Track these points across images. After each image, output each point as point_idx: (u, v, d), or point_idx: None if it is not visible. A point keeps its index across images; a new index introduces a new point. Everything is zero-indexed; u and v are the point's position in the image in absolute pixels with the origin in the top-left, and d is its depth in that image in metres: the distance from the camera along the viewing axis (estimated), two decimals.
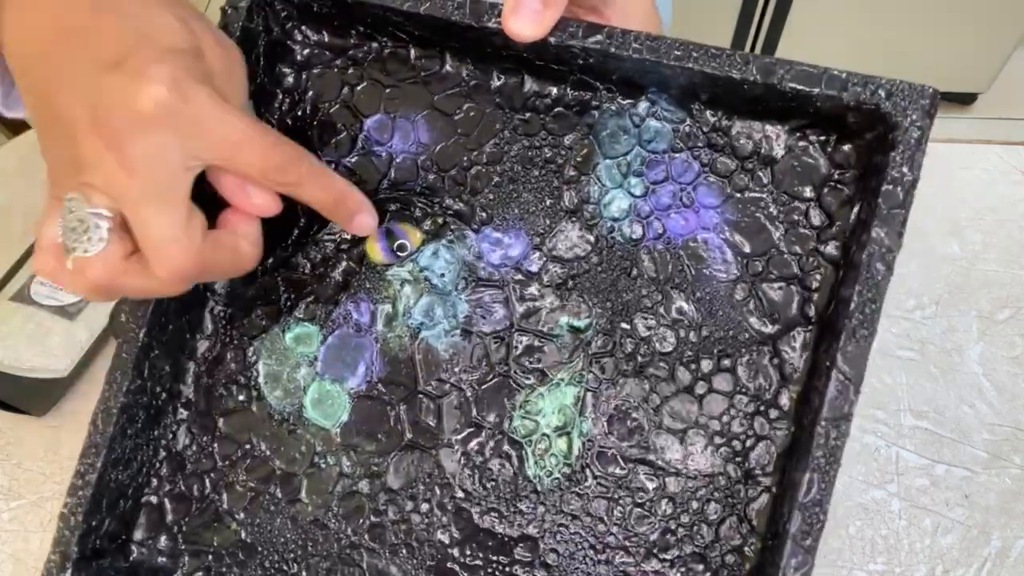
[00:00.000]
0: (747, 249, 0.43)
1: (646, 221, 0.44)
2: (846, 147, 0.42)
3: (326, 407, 0.46)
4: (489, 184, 0.46)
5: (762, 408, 0.42)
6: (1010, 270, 0.64)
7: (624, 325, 0.44)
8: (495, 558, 0.44)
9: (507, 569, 0.44)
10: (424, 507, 0.45)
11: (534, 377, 0.45)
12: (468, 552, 0.44)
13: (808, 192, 0.43)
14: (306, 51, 0.47)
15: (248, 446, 0.47)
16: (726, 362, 0.43)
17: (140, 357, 0.44)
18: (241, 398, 0.47)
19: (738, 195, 0.44)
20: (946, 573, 0.56)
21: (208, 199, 0.38)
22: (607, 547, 0.43)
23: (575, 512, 0.43)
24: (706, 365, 0.43)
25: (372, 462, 0.45)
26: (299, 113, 0.48)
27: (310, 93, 0.47)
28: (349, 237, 0.47)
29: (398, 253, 0.46)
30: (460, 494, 0.45)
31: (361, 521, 0.45)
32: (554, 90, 0.45)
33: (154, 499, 0.47)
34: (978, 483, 0.58)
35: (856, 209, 0.41)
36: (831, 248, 0.42)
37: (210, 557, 0.46)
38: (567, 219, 0.45)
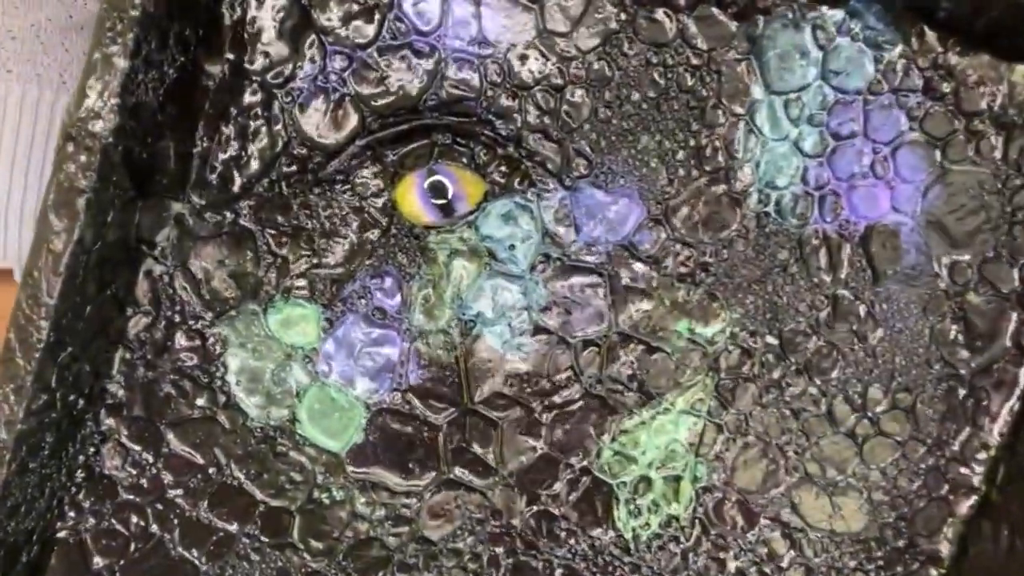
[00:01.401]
0: (955, 248, 0.31)
1: (819, 194, 0.31)
2: None
3: (331, 422, 0.32)
4: (593, 117, 0.31)
5: (943, 461, 0.32)
6: None
7: (770, 339, 0.31)
8: None
9: None
10: (471, 564, 0.33)
11: (636, 399, 0.32)
12: None
13: None
14: None
15: (212, 469, 0.33)
16: (903, 397, 0.32)
17: (44, 363, 0.28)
18: (200, 402, 0.32)
19: (955, 168, 0.30)
20: None
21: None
22: None
23: None
24: (876, 399, 0.32)
25: (399, 502, 0.32)
26: None
27: None
28: (373, 173, 0.31)
29: (446, 210, 0.31)
30: (521, 547, 0.33)
31: None
32: None
33: (70, 536, 0.33)
34: None
35: None
36: None
37: None
38: (703, 180, 0.31)
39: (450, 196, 0.31)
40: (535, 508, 0.32)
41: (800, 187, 0.31)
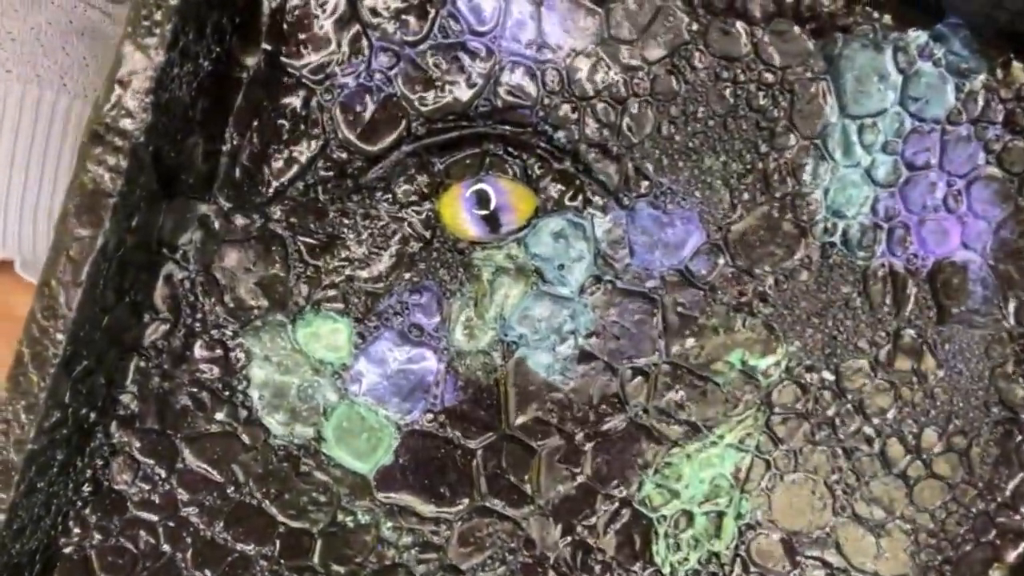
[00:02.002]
0: (1023, 289, 0.30)
1: (888, 225, 0.29)
2: None
3: (359, 442, 0.31)
4: (655, 133, 0.29)
5: (993, 506, 0.31)
6: None
7: (827, 374, 0.30)
8: None
9: None
10: None
11: (682, 431, 0.30)
12: None
13: None
14: None
15: (230, 487, 0.31)
16: (959, 440, 0.30)
17: (59, 378, 0.26)
18: (220, 416, 0.30)
19: None
20: None
21: None
22: None
23: None
24: (930, 441, 0.30)
25: (428, 528, 0.31)
26: None
27: None
28: (418, 182, 0.29)
29: (493, 225, 0.29)
30: None
31: None
32: None
33: (75, 553, 0.31)
34: None
35: None
36: None
37: None
38: (768, 206, 0.29)
39: (494, 207, 0.29)
40: (571, 539, 0.31)
41: (869, 218, 0.29)
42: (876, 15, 0.28)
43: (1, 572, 0.27)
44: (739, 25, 0.28)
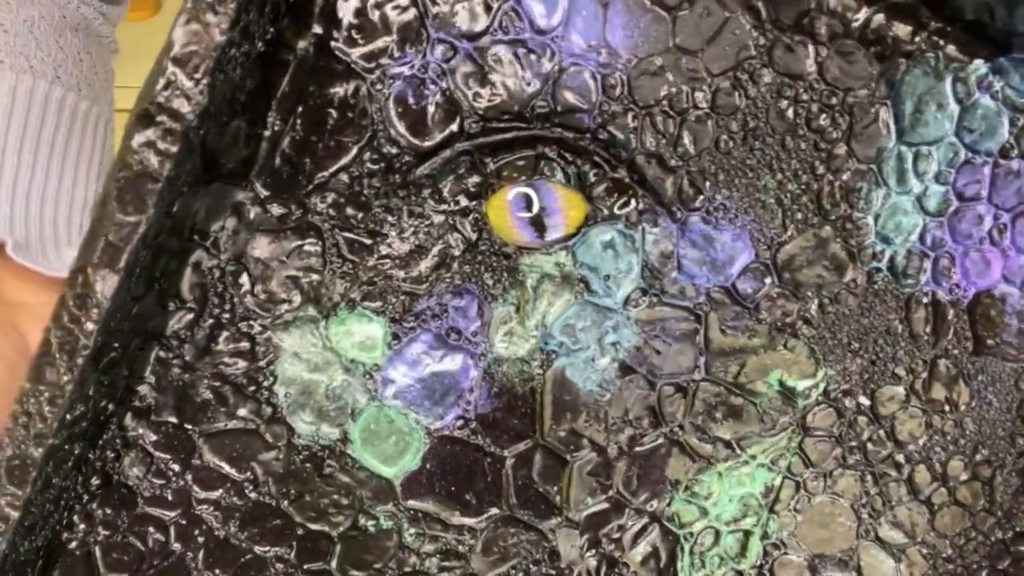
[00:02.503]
0: None
1: (934, 255, 0.29)
2: None
3: (386, 445, 0.30)
4: (714, 147, 0.28)
5: (1011, 535, 0.31)
6: None
7: (863, 399, 0.30)
8: None
9: None
10: None
11: (716, 449, 0.30)
12: None
13: None
14: None
15: (248, 485, 0.29)
16: (984, 470, 0.31)
17: (86, 371, 0.24)
18: (242, 412, 0.29)
19: None
20: None
21: None
22: None
23: None
24: (956, 469, 0.31)
25: (452, 536, 0.30)
26: None
27: None
28: (467, 182, 0.28)
29: (541, 230, 0.28)
30: None
31: None
32: (860, 13, 0.27)
33: (78, 548, 0.29)
34: None
35: None
36: None
37: None
38: (820, 228, 0.29)
39: (539, 209, 0.28)
40: (596, 552, 0.30)
41: (916, 246, 0.29)
42: (941, 43, 0.28)
43: (8, 571, 0.26)
44: (805, 42, 0.28)
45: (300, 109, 0.27)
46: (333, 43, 0.27)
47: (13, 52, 0.37)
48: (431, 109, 0.28)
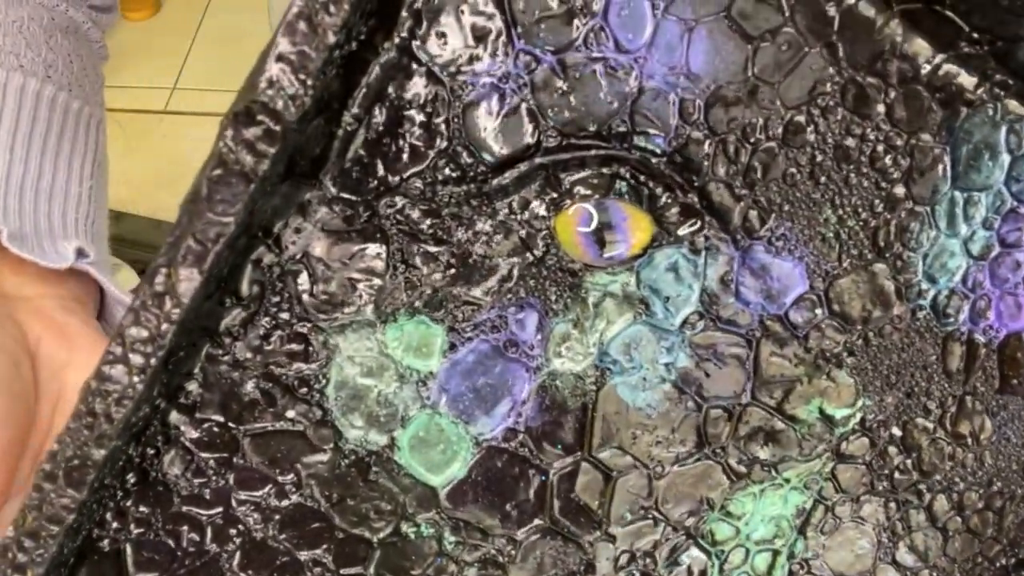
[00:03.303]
0: None
1: (974, 296, 0.31)
2: None
3: (434, 453, 0.29)
4: (781, 176, 0.29)
5: (1013, 562, 0.33)
6: None
7: (895, 430, 0.31)
8: None
9: None
10: None
11: (754, 470, 0.31)
12: None
13: None
14: None
15: (291, 487, 0.29)
16: (996, 501, 0.32)
17: (156, 371, 0.23)
18: (291, 414, 0.28)
19: None
20: None
21: None
22: None
23: None
24: (972, 499, 0.32)
25: (493, 545, 0.30)
26: None
27: None
28: (540, 196, 0.28)
29: (602, 245, 0.28)
30: None
31: None
32: (932, 60, 0.28)
33: (109, 545, 0.28)
34: None
35: None
36: None
37: None
38: (873, 265, 0.30)
39: (601, 225, 0.28)
40: (631, 568, 0.31)
41: (959, 287, 0.30)
42: (1001, 94, 0.29)
43: (49, 572, 0.25)
44: (876, 81, 0.28)
45: (376, 110, 0.27)
46: (416, 45, 0.26)
47: (3, 51, 0.37)
48: (510, 120, 0.27)
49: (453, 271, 0.28)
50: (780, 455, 0.31)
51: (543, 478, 0.30)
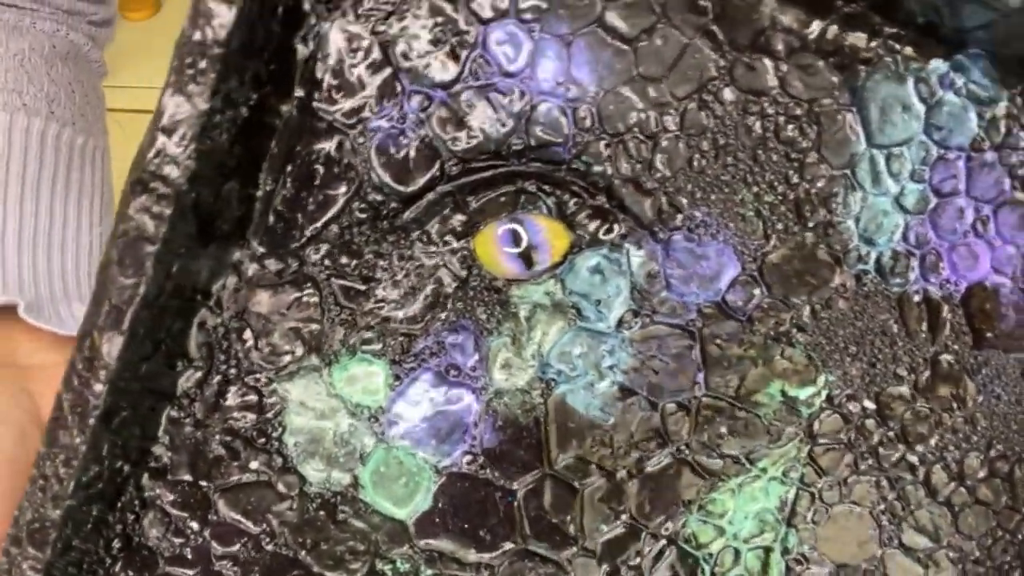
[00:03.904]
0: None
1: (920, 252, 0.30)
2: None
3: (396, 487, 0.30)
4: (687, 167, 0.29)
5: None
6: None
7: (868, 403, 0.30)
8: None
9: None
10: None
11: (725, 465, 0.30)
12: None
13: None
14: None
15: (265, 538, 0.30)
16: (1001, 465, 0.30)
17: (99, 431, 0.25)
18: (254, 465, 0.30)
19: None
20: None
21: None
22: None
23: None
24: (972, 467, 0.30)
25: (469, 574, 0.30)
26: (367, 3, 0.28)
27: None
28: (452, 221, 0.29)
29: (528, 261, 0.29)
30: None
31: None
32: (813, 26, 0.28)
33: None
34: None
35: None
36: None
37: None
38: (802, 236, 0.29)
39: (527, 244, 0.29)
40: None
41: (901, 245, 0.29)
42: (897, 47, 0.29)
43: None
44: (764, 60, 0.29)
45: (289, 168, 0.29)
46: (315, 104, 0.29)
47: (5, 89, 0.37)
48: (412, 156, 0.29)
49: (384, 305, 0.29)
50: (749, 445, 0.30)
51: (510, 499, 0.30)
